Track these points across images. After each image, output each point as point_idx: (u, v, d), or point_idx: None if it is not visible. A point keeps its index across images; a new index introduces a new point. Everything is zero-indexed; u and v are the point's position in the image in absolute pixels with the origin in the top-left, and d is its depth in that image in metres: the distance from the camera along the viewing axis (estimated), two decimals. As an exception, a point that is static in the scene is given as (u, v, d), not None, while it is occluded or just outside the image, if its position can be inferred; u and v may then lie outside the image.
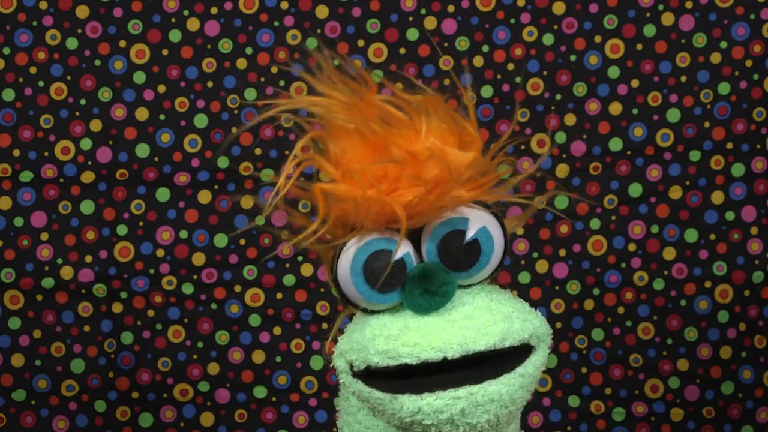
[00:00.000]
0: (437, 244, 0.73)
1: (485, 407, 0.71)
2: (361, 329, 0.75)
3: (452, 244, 0.73)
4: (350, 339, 0.76)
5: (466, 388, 0.71)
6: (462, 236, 0.73)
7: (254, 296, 1.46)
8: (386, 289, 0.73)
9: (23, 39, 1.42)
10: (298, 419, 1.48)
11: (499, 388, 0.71)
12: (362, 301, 0.74)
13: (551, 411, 1.48)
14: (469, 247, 0.73)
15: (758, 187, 1.46)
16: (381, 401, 0.73)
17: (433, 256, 0.73)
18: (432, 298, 0.72)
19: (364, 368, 0.74)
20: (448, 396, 0.71)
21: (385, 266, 0.73)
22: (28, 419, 1.46)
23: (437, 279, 0.72)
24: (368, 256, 0.73)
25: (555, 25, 1.43)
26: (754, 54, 1.43)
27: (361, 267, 0.73)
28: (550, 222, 1.46)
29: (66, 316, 1.45)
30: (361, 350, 0.74)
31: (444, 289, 0.72)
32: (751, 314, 1.47)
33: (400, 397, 0.72)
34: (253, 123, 0.79)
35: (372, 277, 0.73)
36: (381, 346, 0.72)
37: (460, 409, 0.71)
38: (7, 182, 1.43)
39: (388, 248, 0.73)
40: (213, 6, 1.42)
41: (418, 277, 0.73)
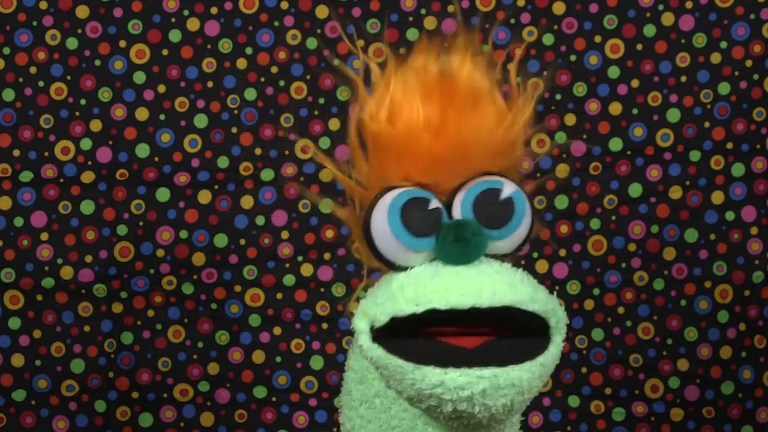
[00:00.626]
0: (473, 199, 0.74)
1: (505, 391, 0.71)
2: (387, 284, 0.74)
3: (487, 199, 0.74)
4: (374, 296, 0.75)
5: (491, 368, 0.71)
6: (497, 194, 0.74)
7: (254, 296, 1.46)
8: (422, 232, 0.73)
9: (23, 39, 1.42)
10: (298, 419, 1.48)
11: (521, 374, 0.72)
12: (396, 250, 0.74)
13: (551, 411, 1.48)
14: (504, 205, 0.74)
15: (758, 187, 1.46)
16: (401, 370, 0.72)
17: (467, 212, 0.74)
18: (465, 247, 0.73)
19: (387, 321, 0.73)
20: (473, 374, 0.71)
21: (422, 209, 0.73)
22: (28, 419, 1.46)
23: (471, 228, 0.73)
24: (406, 201, 0.73)
25: (555, 25, 1.43)
26: (754, 54, 1.43)
27: (398, 208, 0.73)
28: (550, 222, 1.46)
29: (66, 316, 1.45)
30: (388, 301, 0.73)
31: (477, 240, 0.73)
32: (751, 314, 1.47)
33: (423, 368, 0.71)
34: None
35: (408, 218, 0.73)
36: (410, 293, 0.72)
37: (481, 389, 0.71)
38: (7, 182, 1.43)
39: (425, 197, 0.73)
40: (213, 6, 1.42)
41: (452, 226, 0.73)
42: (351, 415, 0.83)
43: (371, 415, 0.81)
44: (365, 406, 0.81)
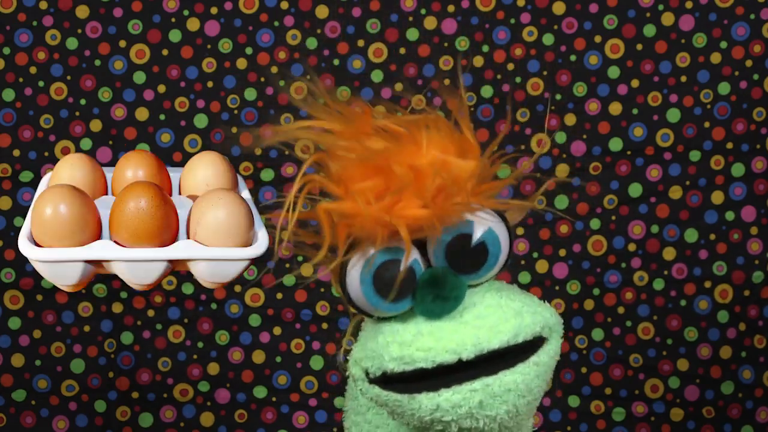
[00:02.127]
0: (444, 249, 0.73)
1: (503, 398, 0.71)
2: (374, 337, 0.75)
3: (459, 248, 0.73)
4: (364, 347, 0.76)
5: (481, 380, 0.71)
6: (469, 240, 0.73)
7: (254, 296, 1.46)
8: (397, 298, 0.73)
9: (23, 39, 1.42)
10: (298, 419, 1.48)
11: (515, 377, 0.72)
12: (374, 311, 0.74)
13: (551, 411, 1.48)
14: (476, 250, 0.73)
15: (758, 187, 1.46)
16: (399, 403, 0.73)
17: (441, 260, 0.73)
18: (444, 304, 0.73)
19: (380, 375, 0.74)
20: (464, 390, 0.71)
21: (394, 276, 0.73)
22: (28, 419, 1.46)
23: (447, 284, 0.72)
24: (377, 268, 0.73)
25: (555, 25, 1.43)
26: (754, 54, 1.43)
27: (370, 279, 0.73)
28: (550, 222, 1.46)
29: (66, 316, 1.45)
30: (376, 357, 0.74)
31: (455, 294, 0.73)
32: (751, 314, 1.47)
33: (417, 396, 0.72)
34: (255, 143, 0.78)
35: (382, 287, 0.73)
36: (395, 352, 0.72)
37: (478, 402, 0.71)
38: (7, 182, 1.43)
39: (396, 257, 0.73)
40: (213, 6, 1.42)
41: (428, 284, 0.73)
42: (358, 420, 0.83)
43: (379, 421, 0.81)
44: (373, 412, 0.81)
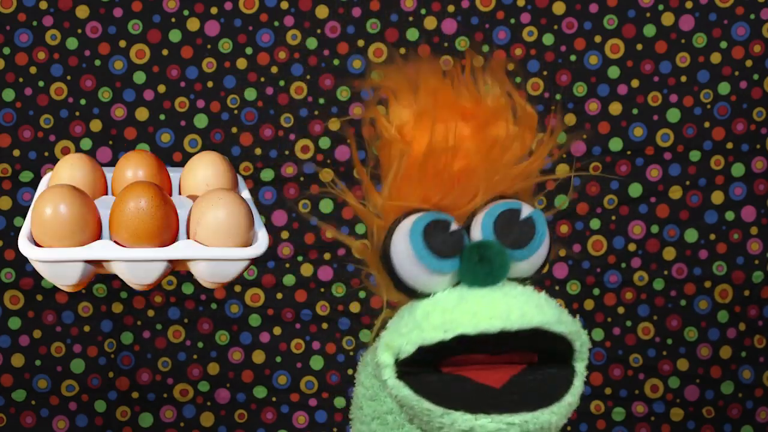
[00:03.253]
0: (493, 221, 0.73)
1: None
2: (411, 313, 0.73)
3: (508, 219, 0.73)
4: (397, 328, 0.73)
5: (521, 414, 0.70)
6: (517, 214, 0.73)
7: (254, 296, 1.46)
8: (446, 254, 0.71)
9: (23, 39, 1.42)
10: (298, 419, 1.48)
11: (551, 417, 0.71)
12: (419, 273, 0.72)
13: (551, 411, 1.48)
14: (525, 224, 0.73)
15: (758, 187, 1.46)
16: (429, 413, 0.71)
17: (488, 233, 0.73)
18: (490, 267, 0.71)
19: (414, 351, 0.71)
20: (503, 421, 0.70)
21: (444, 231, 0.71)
22: (28, 419, 1.46)
23: (494, 249, 0.72)
24: (427, 223, 0.72)
25: (555, 25, 1.43)
26: (754, 54, 1.43)
27: (420, 231, 0.71)
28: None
29: (66, 316, 1.45)
30: (413, 330, 0.71)
31: (501, 259, 0.72)
32: (751, 314, 1.47)
33: (453, 413, 0.70)
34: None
35: (431, 239, 0.71)
36: (437, 319, 0.70)
37: None
38: (7, 182, 1.43)
39: (446, 219, 0.72)
40: (213, 6, 1.42)
41: (476, 247, 0.72)
42: (363, 429, 0.82)
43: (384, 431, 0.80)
44: (377, 422, 0.81)
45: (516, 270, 0.74)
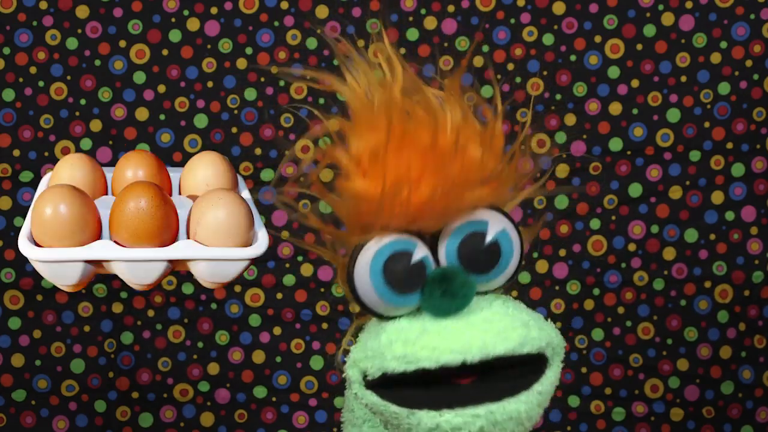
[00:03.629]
0: (457, 246, 0.72)
1: (503, 425, 0.70)
2: (376, 336, 0.73)
3: (472, 246, 0.72)
4: (364, 347, 0.74)
5: (485, 405, 0.70)
6: (482, 238, 0.72)
7: (254, 296, 1.46)
8: (406, 290, 0.71)
9: (23, 39, 1.42)
10: (298, 419, 1.48)
11: (519, 406, 0.70)
12: (380, 305, 0.72)
13: (551, 411, 1.48)
14: (490, 249, 0.72)
15: (758, 187, 1.46)
16: (397, 415, 0.71)
17: (453, 258, 0.72)
18: (452, 300, 0.71)
19: (379, 376, 0.72)
20: (468, 414, 0.69)
21: (405, 267, 0.71)
22: (28, 419, 1.46)
23: (458, 280, 0.71)
24: (387, 257, 0.71)
25: (555, 25, 1.43)
26: (754, 54, 1.43)
27: (381, 267, 0.71)
28: (550, 222, 1.46)
29: (66, 316, 1.45)
30: (377, 357, 0.72)
31: (464, 291, 0.71)
32: (751, 314, 1.47)
33: (417, 412, 0.70)
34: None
35: (392, 277, 0.71)
36: (399, 350, 0.70)
37: (478, 427, 0.70)
38: (7, 182, 1.43)
39: (407, 249, 0.71)
40: (213, 6, 1.42)
41: (438, 279, 0.71)
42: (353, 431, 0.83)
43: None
44: (369, 425, 0.81)
45: (483, 287, 0.73)
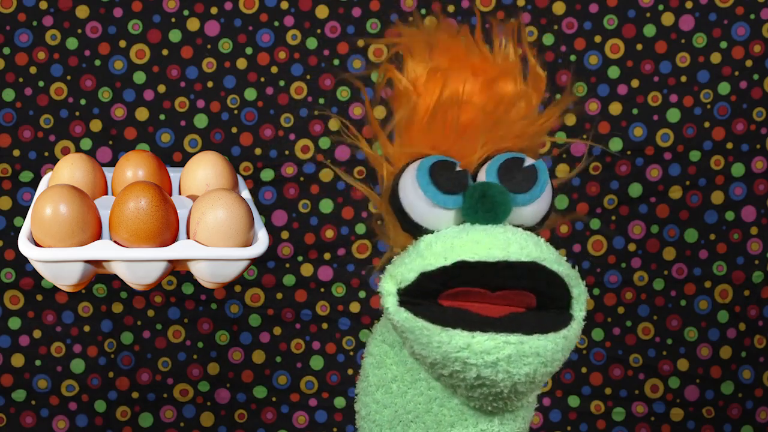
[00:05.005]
0: (497, 167, 0.76)
1: (529, 359, 0.73)
2: (415, 247, 0.76)
3: (511, 166, 0.76)
4: (401, 260, 0.76)
5: (517, 335, 0.72)
6: (521, 162, 0.77)
7: (254, 296, 1.46)
8: (450, 189, 0.75)
9: (23, 39, 1.42)
10: (298, 419, 1.48)
11: (546, 343, 0.73)
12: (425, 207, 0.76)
13: (551, 411, 1.48)
14: (528, 171, 0.77)
15: (758, 187, 1.46)
16: (428, 332, 0.73)
17: (493, 177, 0.76)
18: (491, 206, 0.75)
19: (415, 278, 0.74)
20: (500, 339, 0.72)
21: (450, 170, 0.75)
22: (28, 419, 1.46)
23: (497, 189, 0.75)
24: (434, 162, 0.76)
25: (555, 25, 1.43)
26: (754, 54, 1.43)
27: (427, 168, 0.75)
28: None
29: (66, 316, 1.45)
30: (416, 259, 0.74)
31: (502, 198, 0.75)
32: (751, 314, 1.48)
33: (450, 330, 0.73)
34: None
35: (438, 176, 0.75)
36: (439, 247, 0.74)
37: (507, 355, 0.72)
38: (7, 182, 1.43)
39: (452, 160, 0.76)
40: (213, 6, 1.42)
41: (479, 186, 0.75)
42: (367, 401, 0.84)
43: (387, 400, 0.82)
44: (381, 391, 0.82)
45: (519, 216, 0.77)
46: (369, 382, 0.84)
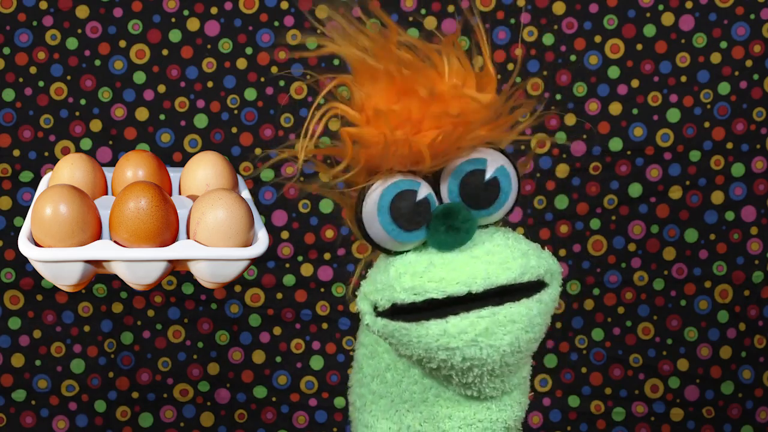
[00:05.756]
0: (458, 183, 0.76)
1: (507, 328, 0.74)
2: (385, 270, 0.77)
3: (473, 182, 0.76)
4: (374, 281, 0.78)
5: (488, 308, 0.74)
6: (482, 175, 0.76)
7: (254, 296, 1.46)
8: (412, 227, 0.76)
9: (23, 39, 1.42)
10: (298, 419, 1.48)
11: (520, 309, 0.75)
12: (388, 241, 0.76)
13: (551, 411, 1.48)
14: (489, 185, 0.76)
15: (758, 187, 1.46)
16: (406, 331, 0.75)
17: (455, 195, 0.76)
18: (456, 234, 0.76)
19: (389, 307, 0.76)
20: (471, 316, 0.74)
21: (410, 204, 0.76)
22: (28, 419, 1.46)
23: (460, 216, 0.76)
24: (394, 196, 0.76)
25: (555, 25, 1.43)
26: (754, 54, 1.43)
27: (387, 206, 0.76)
28: (550, 222, 1.46)
29: (66, 316, 1.45)
30: (386, 289, 0.76)
31: (467, 226, 0.76)
32: (751, 314, 1.47)
33: (425, 323, 0.75)
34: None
35: (398, 215, 0.76)
36: (407, 282, 0.75)
37: (483, 328, 0.74)
38: (7, 182, 1.43)
39: (412, 188, 0.76)
40: (213, 6, 1.42)
41: (442, 215, 0.76)
42: (362, 392, 0.84)
43: (383, 390, 0.82)
44: (377, 381, 0.83)
45: (485, 221, 0.78)
46: (363, 373, 0.84)
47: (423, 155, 0.74)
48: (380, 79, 0.76)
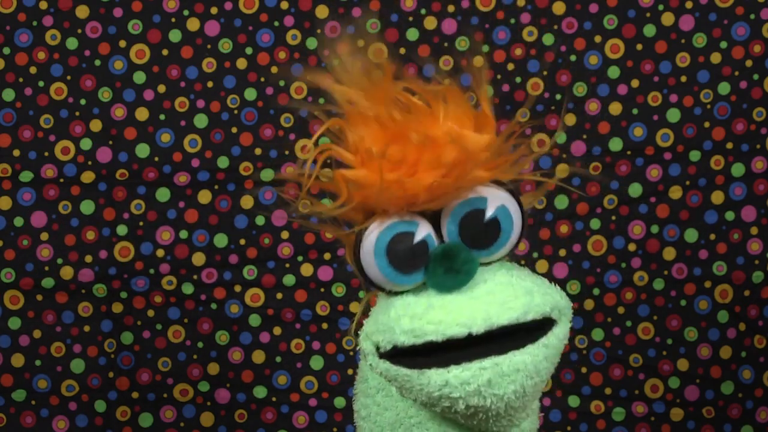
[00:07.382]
0: (458, 223, 0.75)
1: (511, 377, 0.72)
2: (386, 311, 0.76)
3: (473, 223, 0.75)
4: (375, 321, 0.77)
5: (491, 358, 0.72)
6: (482, 215, 0.75)
7: (254, 296, 1.46)
8: (410, 270, 0.74)
9: (23, 39, 1.42)
10: (298, 419, 1.48)
11: (524, 357, 0.73)
12: (386, 283, 0.75)
13: (551, 411, 1.48)
14: (489, 226, 0.75)
15: (758, 187, 1.46)
16: (408, 378, 0.74)
17: (454, 236, 0.75)
18: (455, 277, 0.74)
19: (390, 348, 0.75)
20: (474, 367, 0.72)
21: (407, 248, 0.74)
22: (28, 419, 1.46)
23: (460, 258, 0.74)
24: (390, 239, 0.74)
25: (555, 25, 1.43)
26: (754, 54, 1.43)
27: (384, 250, 0.74)
28: (550, 222, 1.46)
29: (66, 316, 1.45)
30: (387, 331, 0.75)
31: (467, 267, 0.74)
32: (751, 314, 1.47)
33: (426, 371, 0.73)
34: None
35: (395, 259, 0.74)
36: (406, 325, 0.74)
37: (486, 380, 0.72)
38: (7, 182, 1.43)
39: (409, 230, 0.75)
40: (213, 6, 1.42)
41: (440, 257, 0.74)
42: (367, 402, 0.84)
43: (388, 403, 0.82)
44: (382, 394, 0.82)
45: (486, 259, 0.76)
46: (369, 385, 0.84)
47: (418, 197, 0.73)
48: (372, 124, 0.75)
